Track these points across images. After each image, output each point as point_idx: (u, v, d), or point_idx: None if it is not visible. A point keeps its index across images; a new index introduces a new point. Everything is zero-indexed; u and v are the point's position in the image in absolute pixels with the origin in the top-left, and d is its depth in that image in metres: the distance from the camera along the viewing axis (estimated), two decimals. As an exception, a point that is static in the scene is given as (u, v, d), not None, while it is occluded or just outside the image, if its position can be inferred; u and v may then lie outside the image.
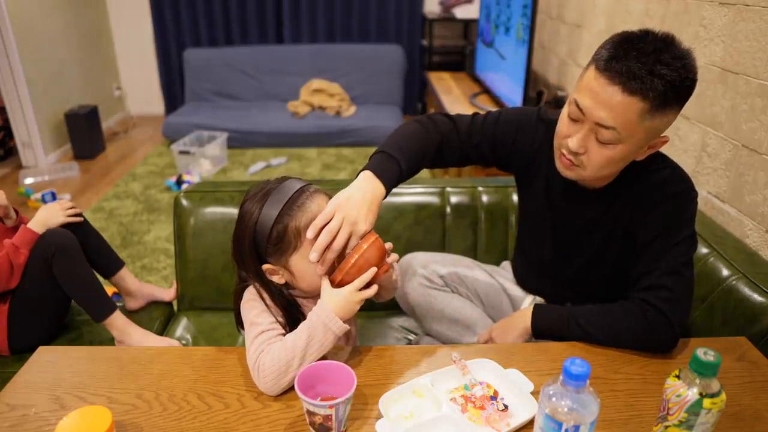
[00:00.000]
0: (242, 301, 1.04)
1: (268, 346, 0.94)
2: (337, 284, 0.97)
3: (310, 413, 0.82)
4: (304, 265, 0.98)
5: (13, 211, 1.61)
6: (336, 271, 0.97)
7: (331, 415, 0.81)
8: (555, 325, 1.11)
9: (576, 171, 1.05)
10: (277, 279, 1.02)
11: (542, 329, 1.14)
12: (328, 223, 0.95)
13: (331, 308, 0.94)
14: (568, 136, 1.02)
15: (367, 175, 1.05)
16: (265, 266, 1.01)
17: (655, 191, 1.07)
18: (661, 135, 1.01)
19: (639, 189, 1.08)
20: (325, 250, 0.95)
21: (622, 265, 1.14)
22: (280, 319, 1.01)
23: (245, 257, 1.00)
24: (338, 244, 0.95)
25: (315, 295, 1.02)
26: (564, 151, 1.04)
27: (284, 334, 0.98)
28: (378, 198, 1.03)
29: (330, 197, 1.01)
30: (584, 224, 1.18)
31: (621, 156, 1.00)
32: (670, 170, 1.08)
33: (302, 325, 0.95)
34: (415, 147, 1.14)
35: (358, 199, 0.99)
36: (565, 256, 1.24)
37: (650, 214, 1.07)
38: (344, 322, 0.95)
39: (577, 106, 0.99)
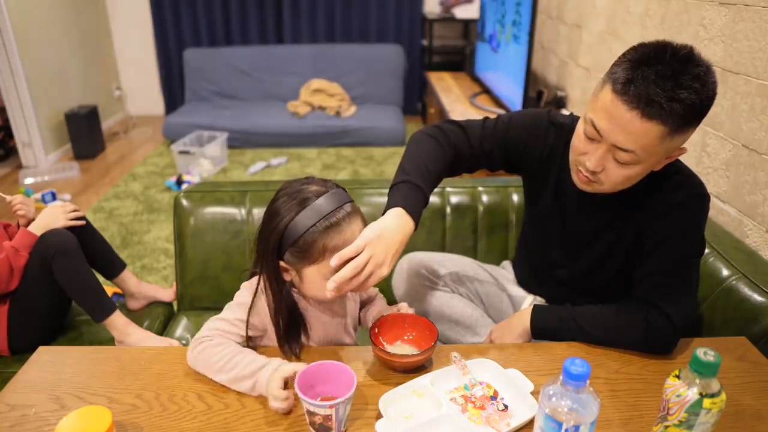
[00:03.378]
0: (242, 285, 1.07)
1: (223, 339, 0.98)
2: (381, 354, 0.99)
3: (310, 413, 0.82)
4: (316, 277, 0.99)
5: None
6: (386, 354, 0.98)
7: (331, 415, 0.81)
8: (554, 326, 1.11)
9: (594, 186, 1.05)
10: (285, 276, 1.03)
11: (541, 330, 1.13)
12: (355, 256, 0.94)
13: (264, 386, 0.91)
14: (585, 154, 1.01)
15: (400, 212, 1.03)
16: (282, 263, 1.01)
17: (669, 195, 1.06)
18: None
19: (652, 193, 1.07)
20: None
21: (627, 268, 1.14)
22: (256, 320, 1.03)
23: (267, 251, 1.00)
24: (358, 281, 0.95)
25: (322, 300, 1.06)
26: (581, 168, 1.04)
27: (243, 336, 1.02)
28: (407, 237, 1.03)
29: (364, 219, 1.01)
30: (594, 228, 1.17)
31: (639, 173, 1.00)
32: (683, 174, 1.07)
33: (256, 362, 0.93)
34: (434, 169, 1.13)
35: (390, 240, 0.98)
36: (572, 258, 1.23)
37: (663, 218, 1.06)
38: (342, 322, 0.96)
39: (594, 126, 0.97)
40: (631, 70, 0.91)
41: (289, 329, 1.03)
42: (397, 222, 1.01)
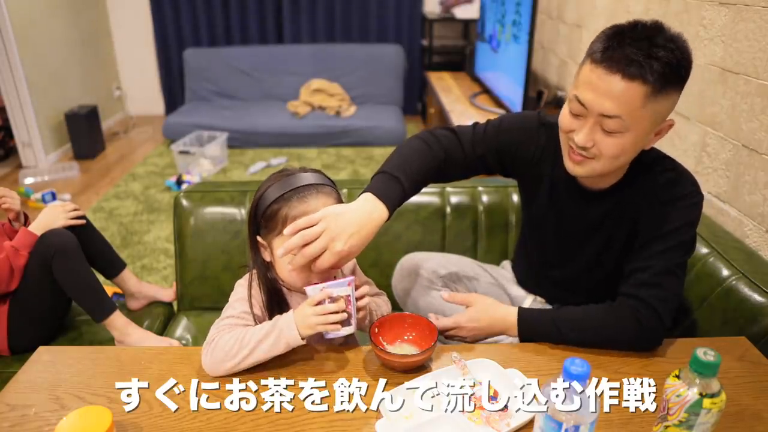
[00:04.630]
0: (236, 284, 1.09)
1: (229, 328, 0.98)
2: (381, 354, 0.99)
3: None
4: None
5: (23, 216, 1.62)
6: (386, 354, 0.98)
7: (350, 296, 0.95)
8: (541, 332, 1.08)
9: (588, 165, 1.03)
10: (265, 255, 1.06)
11: (529, 337, 1.10)
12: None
13: (294, 319, 0.96)
14: (573, 131, 1.02)
15: (368, 197, 1.03)
16: (259, 238, 1.05)
17: (661, 192, 1.06)
18: (667, 119, 1.01)
19: (644, 189, 1.08)
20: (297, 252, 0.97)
21: (622, 266, 1.14)
22: (257, 311, 1.03)
23: (250, 224, 1.05)
24: (309, 251, 0.95)
25: (293, 288, 1.07)
26: (572, 146, 1.04)
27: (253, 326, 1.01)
28: (375, 222, 1.01)
29: (340, 202, 1.03)
30: (588, 225, 1.17)
31: (630, 143, 0.99)
32: (676, 173, 1.08)
33: (266, 323, 0.98)
34: (417, 165, 1.12)
35: (350, 218, 0.98)
36: (569, 256, 1.24)
37: (654, 214, 1.06)
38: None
39: (579, 101, 0.98)
40: (608, 41, 0.95)
41: (272, 316, 1.04)
42: (367, 206, 1.01)
